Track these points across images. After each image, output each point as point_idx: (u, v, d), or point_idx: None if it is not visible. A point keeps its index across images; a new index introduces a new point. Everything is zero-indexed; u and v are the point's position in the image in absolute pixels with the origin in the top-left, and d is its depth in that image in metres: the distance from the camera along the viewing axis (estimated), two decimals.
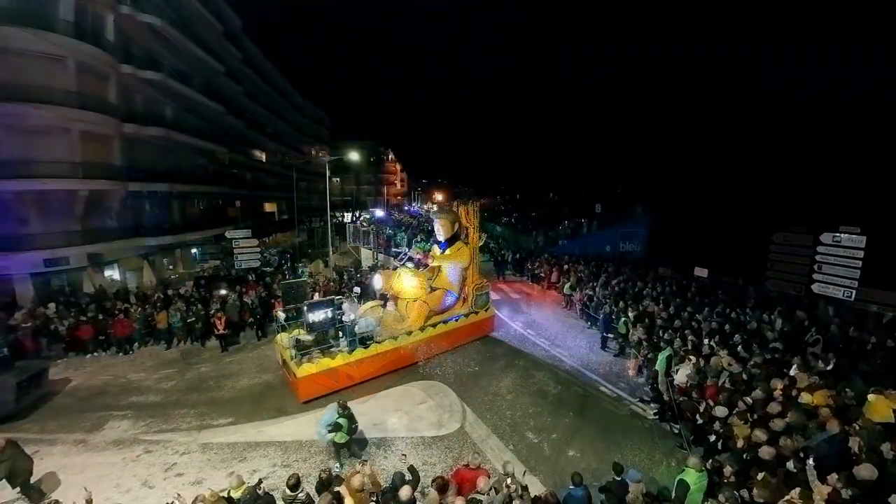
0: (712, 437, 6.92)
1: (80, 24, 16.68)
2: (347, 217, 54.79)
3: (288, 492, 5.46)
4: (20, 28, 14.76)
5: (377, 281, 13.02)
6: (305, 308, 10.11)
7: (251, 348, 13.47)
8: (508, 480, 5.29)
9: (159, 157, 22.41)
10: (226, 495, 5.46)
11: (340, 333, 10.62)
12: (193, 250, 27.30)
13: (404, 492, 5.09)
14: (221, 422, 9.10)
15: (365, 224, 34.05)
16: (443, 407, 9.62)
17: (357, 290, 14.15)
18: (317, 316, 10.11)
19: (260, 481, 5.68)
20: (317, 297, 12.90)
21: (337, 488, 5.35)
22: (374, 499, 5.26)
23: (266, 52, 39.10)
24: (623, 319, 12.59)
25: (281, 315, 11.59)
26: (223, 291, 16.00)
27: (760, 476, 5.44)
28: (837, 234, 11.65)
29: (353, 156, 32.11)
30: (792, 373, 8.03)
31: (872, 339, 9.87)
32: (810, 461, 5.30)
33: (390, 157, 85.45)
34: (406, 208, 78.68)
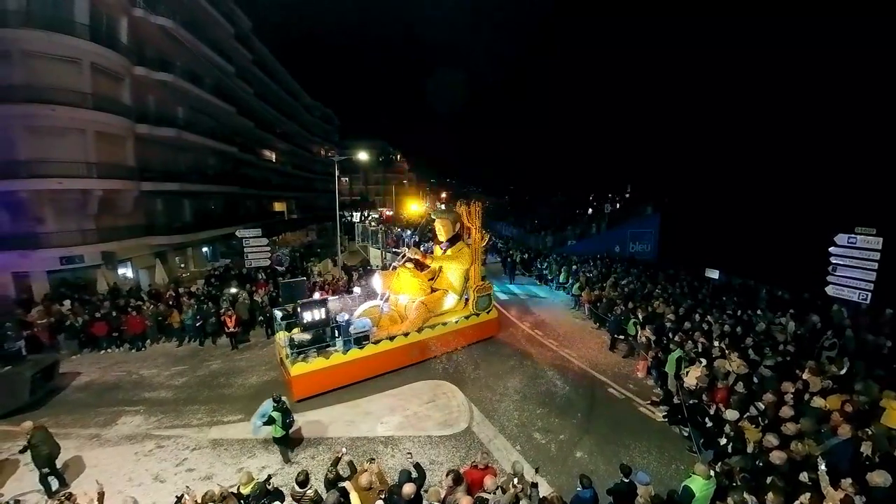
0: (722, 441, 6.83)
1: (95, 27, 16.98)
2: (356, 217, 55.01)
3: (297, 488, 5.49)
4: (37, 31, 15.09)
5: (377, 281, 12.99)
6: (299, 307, 10.08)
7: (260, 346, 13.60)
8: (515, 480, 5.27)
9: (171, 157, 22.81)
10: (235, 491, 5.53)
11: (336, 333, 10.58)
12: (205, 249, 27.66)
13: (407, 488, 5.11)
14: (231, 418, 9.22)
15: (373, 224, 34.14)
16: (450, 406, 9.63)
17: (357, 290, 14.00)
18: (311, 315, 10.06)
19: (269, 477, 5.73)
20: (317, 296, 12.70)
21: (343, 485, 5.40)
22: (382, 497, 5.28)
23: (275, 52, 39.42)
24: (632, 321, 12.48)
25: (278, 314, 11.54)
26: (234, 290, 16.17)
27: (769, 480, 5.36)
28: (853, 236, 11.40)
29: (362, 155, 32.01)
30: (804, 376, 7.91)
31: (888, 343, 9.68)
32: (823, 466, 5.21)
33: (398, 156, 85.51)
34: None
